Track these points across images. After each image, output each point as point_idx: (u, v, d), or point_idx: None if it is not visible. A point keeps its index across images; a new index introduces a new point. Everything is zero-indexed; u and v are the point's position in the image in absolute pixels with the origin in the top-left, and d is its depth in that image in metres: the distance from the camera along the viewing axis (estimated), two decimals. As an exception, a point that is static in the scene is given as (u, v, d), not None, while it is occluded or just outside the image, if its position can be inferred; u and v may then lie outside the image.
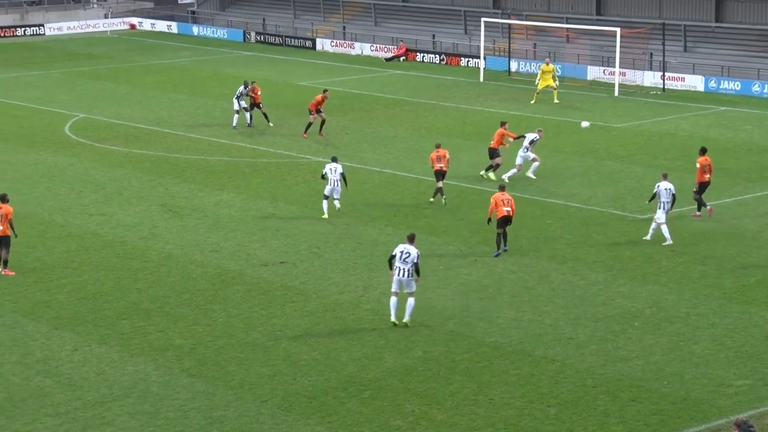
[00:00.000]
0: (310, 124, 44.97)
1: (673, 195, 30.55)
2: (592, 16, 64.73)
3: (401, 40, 68.56)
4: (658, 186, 30.66)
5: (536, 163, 37.46)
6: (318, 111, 44.67)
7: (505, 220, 29.55)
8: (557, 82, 51.70)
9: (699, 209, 32.81)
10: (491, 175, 37.40)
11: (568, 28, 62.98)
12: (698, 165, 32.65)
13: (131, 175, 39.05)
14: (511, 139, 37.76)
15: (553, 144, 42.91)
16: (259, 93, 46.87)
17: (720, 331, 24.22)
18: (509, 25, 62.57)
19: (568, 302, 26.05)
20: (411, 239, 24.63)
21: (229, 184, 37.62)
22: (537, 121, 47.82)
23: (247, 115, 46.76)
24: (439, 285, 27.32)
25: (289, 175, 38.83)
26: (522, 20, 64.10)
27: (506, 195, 29.83)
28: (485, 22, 60.81)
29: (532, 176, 37.29)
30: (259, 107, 46.91)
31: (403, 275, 24.24)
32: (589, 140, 42.58)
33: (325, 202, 33.06)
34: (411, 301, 24.38)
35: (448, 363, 22.64)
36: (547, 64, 51.88)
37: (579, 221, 32.90)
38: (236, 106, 46.61)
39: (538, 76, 51.99)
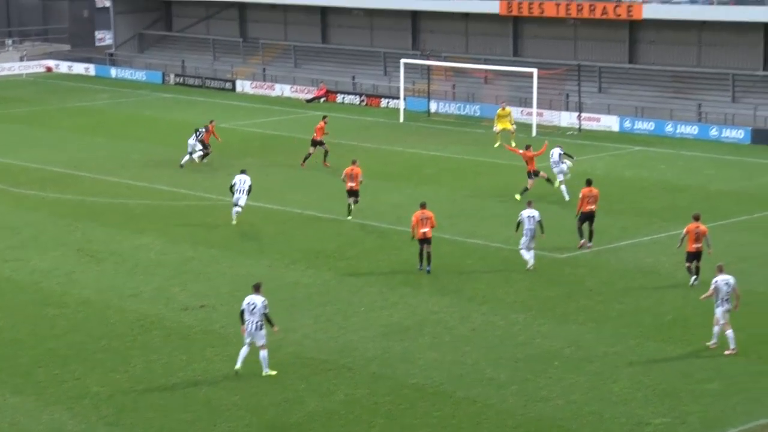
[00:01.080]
0: (309, 155, 46.33)
1: (539, 222, 31.33)
2: (509, 57, 65.58)
3: (321, 81, 68.77)
4: (522, 214, 31.66)
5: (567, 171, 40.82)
6: (320, 143, 46.12)
7: (424, 240, 30.99)
8: (514, 126, 51.95)
9: (582, 237, 33.70)
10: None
11: (486, 69, 63.74)
12: (581, 194, 33.52)
13: (47, 220, 38.46)
14: (517, 153, 41.28)
15: (472, 184, 43.31)
16: (213, 129, 48.00)
17: (638, 369, 24.51)
18: (428, 66, 63.12)
19: (489, 342, 26.18)
20: (256, 289, 24.05)
21: (148, 228, 37.22)
22: (457, 161, 48.26)
23: (201, 154, 47.05)
24: (361, 327, 27.28)
25: (210, 218, 38.56)
26: (441, 61, 64.67)
27: (426, 213, 31.09)
28: (405, 63, 61.27)
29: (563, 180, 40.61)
30: (204, 146, 47.30)
31: (252, 328, 23.74)
32: (508, 181, 42.99)
33: (234, 209, 36.85)
34: (263, 353, 23.89)
35: (371, 406, 22.57)
36: (503, 108, 52.11)
37: (499, 261, 33.15)
38: (191, 149, 46.71)
39: (495, 120, 52.13)
